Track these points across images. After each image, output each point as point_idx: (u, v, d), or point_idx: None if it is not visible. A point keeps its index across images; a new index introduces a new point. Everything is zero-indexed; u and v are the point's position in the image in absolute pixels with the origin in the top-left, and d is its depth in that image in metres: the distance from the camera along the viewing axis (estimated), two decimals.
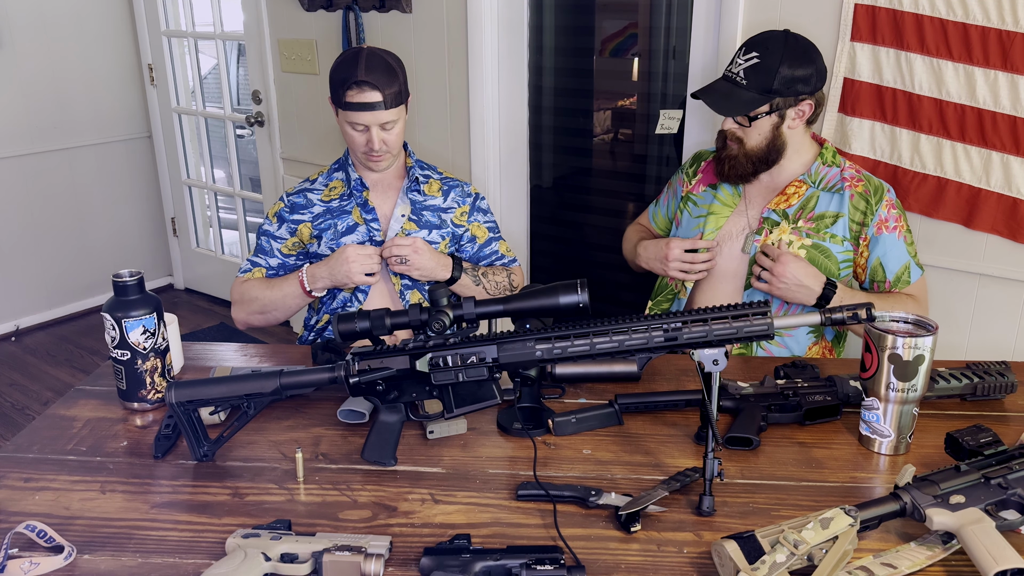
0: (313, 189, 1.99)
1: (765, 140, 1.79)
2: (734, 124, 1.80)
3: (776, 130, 1.78)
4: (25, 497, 1.21)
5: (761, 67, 1.73)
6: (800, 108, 1.77)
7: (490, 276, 1.98)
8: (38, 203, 4.00)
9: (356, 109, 1.81)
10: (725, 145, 1.84)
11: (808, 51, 1.76)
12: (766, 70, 1.72)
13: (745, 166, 1.82)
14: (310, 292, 1.86)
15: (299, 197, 1.98)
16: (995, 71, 1.89)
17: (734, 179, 1.86)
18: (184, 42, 4.13)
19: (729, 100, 1.77)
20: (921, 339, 1.25)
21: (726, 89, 1.79)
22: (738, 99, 1.75)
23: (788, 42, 1.75)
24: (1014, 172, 1.93)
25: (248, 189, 4.16)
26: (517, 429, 1.37)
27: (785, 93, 1.73)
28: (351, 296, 1.95)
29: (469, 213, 2.03)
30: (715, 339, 1.13)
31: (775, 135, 1.79)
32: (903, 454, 1.30)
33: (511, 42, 2.82)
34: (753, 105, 1.74)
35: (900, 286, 1.79)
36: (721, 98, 1.78)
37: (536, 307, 1.24)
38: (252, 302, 1.92)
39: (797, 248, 1.80)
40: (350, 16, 3.04)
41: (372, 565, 1.00)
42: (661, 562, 1.05)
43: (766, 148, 1.80)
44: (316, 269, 1.85)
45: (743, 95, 1.75)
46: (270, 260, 1.97)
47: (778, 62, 1.72)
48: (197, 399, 1.26)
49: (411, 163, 2.01)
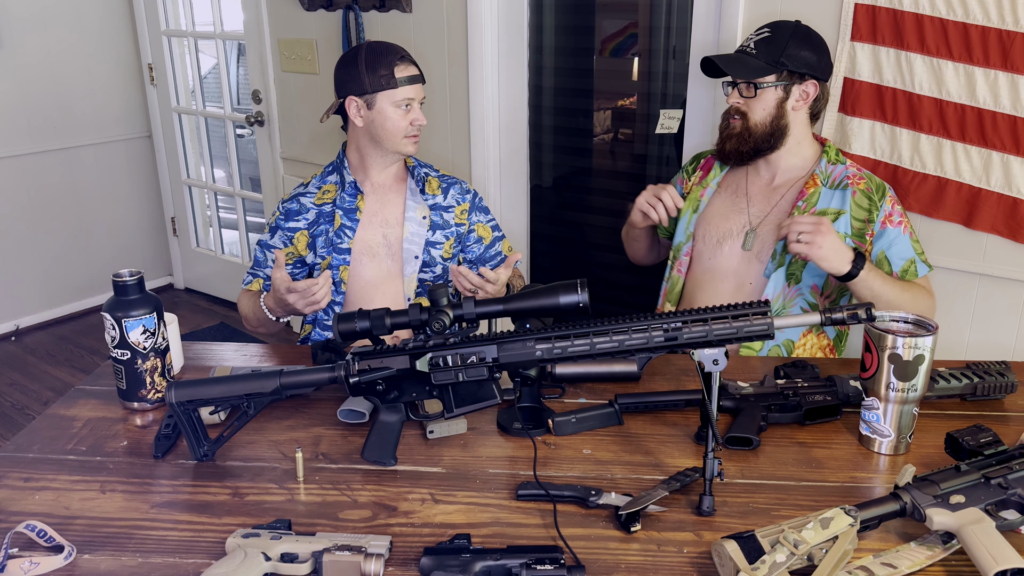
0: (306, 193, 1.99)
1: (769, 116, 1.81)
2: (739, 98, 1.83)
3: (780, 107, 1.80)
4: (25, 497, 1.21)
5: (771, 40, 1.79)
6: (804, 88, 1.80)
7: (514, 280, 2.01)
8: (38, 203, 4.00)
9: (408, 83, 1.86)
10: (728, 124, 1.87)
11: (818, 40, 1.82)
12: (775, 43, 1.78)
13: (747, 141, 1.83)
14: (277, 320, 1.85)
15: (293, 203, 1.98)
16: (995, 71, 1.89)
17: (735, 158, 1.87)
18: (184, 42, 4.13)
19: (738, 64, 1.82)
20: (921, 339, 1.25)
21: (736, 58, 1.84)
22: (746, 64, 1.80)
23: (800, 27, 1.82)
24: (1014, 172, 1.93)
25: (248, 189, 4.16)
26: (517, 429, 1.37)
27: (791, 68, 1.78)
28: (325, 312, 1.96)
29: (470, 212, 2.03)
30: (715, 339, 1.13)
31: (779, 112, 1.81)
32: (903, 454, 1.30)
33: (511, 42, 2.82)
34: (760, 72, 1.78)
35: (908, 279, 1.80)
36: (731, 61, 1.83)
37: (536, 307, 1.24)
38: (243, 313, 1.98)
39: None
40: (350, 16, 3.04)
41: (372, 565, 1.00)
42: (661, 562, 1.05)
43: (769, 125, 1.81)
44: (268, 301, 1.82)
45: (752, 62, 1.80)
46: (266, 271, 1.97)
47: (787, 39, 1.78)
48: (197, 399, 1.26)
49: (412, 163, 2.01)
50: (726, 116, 1.88)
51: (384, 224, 1.96)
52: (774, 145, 1.83)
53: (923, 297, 1.76)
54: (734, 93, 1.84)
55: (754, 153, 1.85)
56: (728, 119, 1.87)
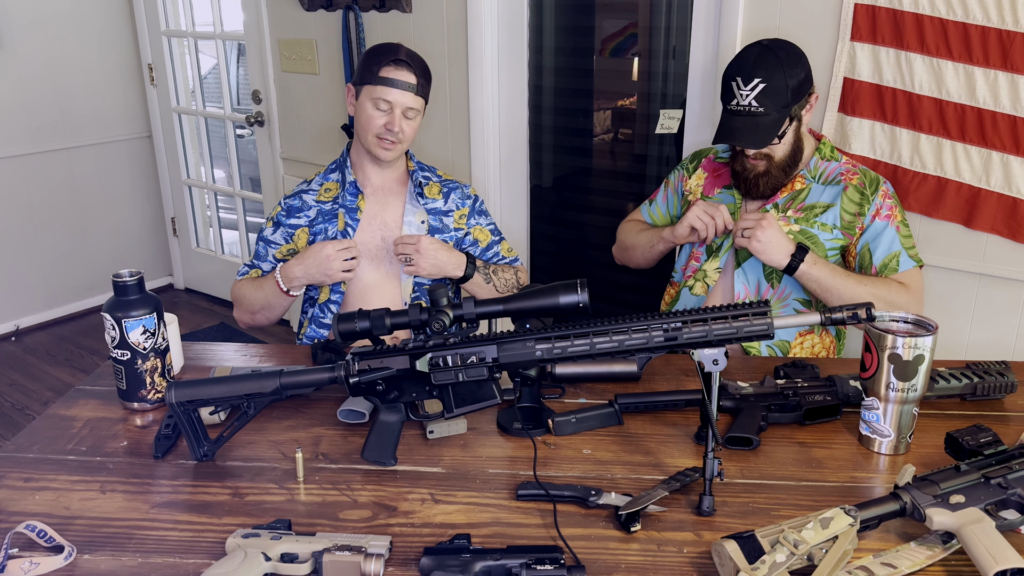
0: (309, 190, 1.99)
1: (791, 147, 1.82)
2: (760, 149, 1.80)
3: (797, 133, 1.81)
4: (25, 497, 1.21)
5: (771, 89, 1.72)
6: (809, 103, 1.82)
7: (500, 274, 1.99)
8: (38, 203, 4.00)
9: (388, 84, 1.82)
10: (747, 166, 1.83)
11: (794, 52, 1.77)
12: (776, 90, 1.72)
13: (779, 178, 1.83)
14: (288, 292, 1.86)
15: (295, 200, 1.98)
16: (995, 71, 1.89)
17: (769, 193, 1.85)
18: (184, 42, 4.13)
19: (757, 133, 1.75)
20: (921, 339, 1.25)
21: (747, 124, 1.76)
22: (764, 128, 1.75)
23: (777, 54, 1.74)
24: (1014, 172, 1.93)
25: (248, 189, 4.16)
26: (517, 429, 1.37)
27: (798, 100, 1.76)
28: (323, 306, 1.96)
29: (469, 216, 2.03)
30: (715, 339, 1.13)
31: (796, 138, 1.82)
32: (903, 454, 1.31)
33: (511, 42, 2.82)
34: (779, 126, 1.75)
35: (887, 273, 1.79)
36: (749, 133, 1.76)
37: (536, 307, 1.24)
38: (243, 301, 1.95)
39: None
40: (350, 16, 3.04)
41: (372, 565, 1.00)
42: (661, 562, 1.05)
43: (792, 153, 1.82)
44: (290, 269, 1.84)
45: (766, 121, 1.74)
46: (263, 265, 1.97)
47: (783, 78, 1.72)
48: (197, 399, 1.26)
49: (413, 167, 2.01)
50: (739, 156, 1.84)
51: (383, 227, 1.96)
52: (798, 161, 1.84)
53: (892, 290, 1.74)
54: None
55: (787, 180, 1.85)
56: (742, 158, 1.83)
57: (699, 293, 1.93)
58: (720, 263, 1.90)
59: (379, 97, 1.83)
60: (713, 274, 1.91)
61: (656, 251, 2.03)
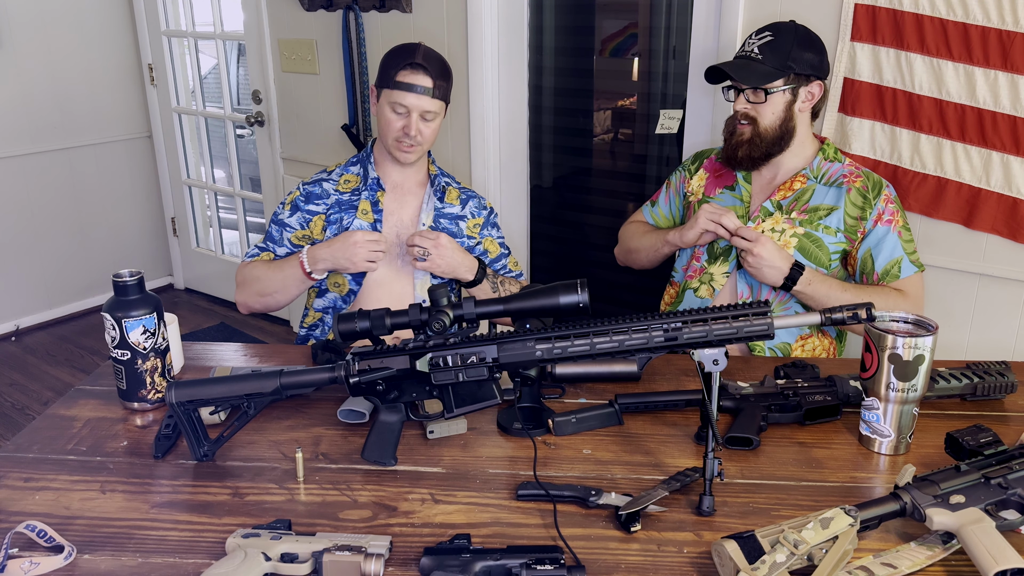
0: (329, 179, 1.99)
1: (778, 119, 1.81)
2: (747, 104, 1.81)
3: (788, 109, 1.80)
4: (25, 497, 1.21)
5: (776, 44, 1.78)
6: (810, 89, 1.81)
7: (506, 285, 2.00)
8: (38, 203, 4.00)
9: (405, 89, 1.83)
10: (735, 130, 1.85)
11: (818, 41, 1.83)
12: (781, 47, 1.77)
13: (759, 147, 1.82)
14: (310, 274, 1.85)
15: (315, 186, 1.98)
16: (995, 71, 1.89)
17: (746, 164, 1.86)
18: (184, 42, 4.13)
19: (746, 71, 1.80)
20: (921, 339, 1.25)
21: (742, 64, 1.82)
22: (755, 71, 1.79)
23: (799, 28, 1.81)
24: (1014, 172, 1.93)
25: (248, 189, 4.16)
26: (517, 429, 1.37)
27: (798, 71, 1.77)
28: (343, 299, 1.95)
29: (482, 226, 2.04)
30: (715, 339, 1.13)
31: (787, 115, 1.81)
32: (903, 454, 1.30)
33: (511, 42, 2.82)
34: (770, 78, 1.77)
35: (889, 280, 1.79)
36: (739, 70, 1.81)
37: (536, 307, 1.24)
38: (254, 282, 1.91)
39: (789, 237, 1.81)
40: (350, 16, 3.04)
41: (372, 565, 1.00)
42: (661, 562, 1.05)
43: (779, 128, 1.81)
44: (317, 251, 1.84)
45: (759, 68, 1.78)
46: (278, 249, 1.96)
47: (792, 42, 1.77)
48: (197, 399, 1.26)
49: (435, 171, 2.02)
50: (731, 122, 1.86)
51: (399, 224, 1.97)
52: (783, 147, 1.84)
53: (891, 300, 1.75)
54: (740, 99, 1.82)
55: (765, 157, 1.84)
56: (735, 125, 1.85)
57: (704, 296, 1.93)
58: (729, 267, 1.89)
59: (396, 101, 1.84)
60: (720, 278, 1.91)
61: (661, 254, 2.03)
